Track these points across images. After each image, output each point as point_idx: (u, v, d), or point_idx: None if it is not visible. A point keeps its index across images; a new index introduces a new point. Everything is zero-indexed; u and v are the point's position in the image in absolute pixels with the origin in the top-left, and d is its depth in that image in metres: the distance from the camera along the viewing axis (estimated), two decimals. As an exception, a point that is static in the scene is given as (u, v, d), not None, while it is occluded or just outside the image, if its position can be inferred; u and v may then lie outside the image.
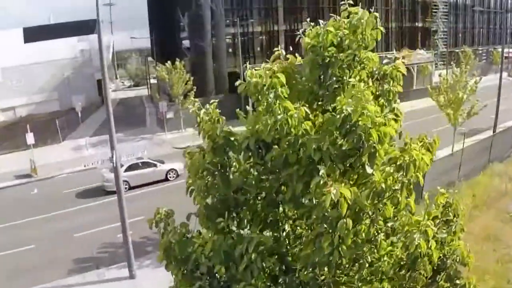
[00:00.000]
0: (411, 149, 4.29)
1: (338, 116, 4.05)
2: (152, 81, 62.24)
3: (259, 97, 4.44)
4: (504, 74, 60.40)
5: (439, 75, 23.36)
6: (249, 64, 33.46)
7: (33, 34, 58.79)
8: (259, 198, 4.99)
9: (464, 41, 57.29)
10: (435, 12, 51.54)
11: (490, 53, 63.54)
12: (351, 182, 4.31)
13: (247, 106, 5.39)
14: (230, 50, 36.13)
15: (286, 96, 4.42)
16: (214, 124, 4.80)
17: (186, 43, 38.31)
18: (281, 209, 5.01)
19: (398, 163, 4.29)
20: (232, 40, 35.75)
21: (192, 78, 31.71)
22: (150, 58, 70.65)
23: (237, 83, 4.68)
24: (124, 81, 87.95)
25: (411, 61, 43.56)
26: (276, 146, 4.41)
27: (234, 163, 4.95)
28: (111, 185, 19.09)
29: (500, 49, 64.62)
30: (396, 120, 4.61)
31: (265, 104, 4.37)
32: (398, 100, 4.91)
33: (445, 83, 22.75)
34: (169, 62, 31.43)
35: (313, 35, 4.70)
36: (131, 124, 38.87)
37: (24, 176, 25.93)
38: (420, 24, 51.26)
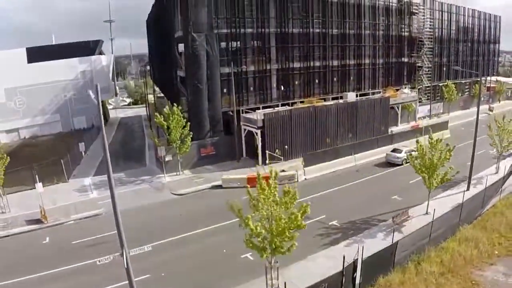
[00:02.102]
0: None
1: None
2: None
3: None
4: (486, 106, 63.41)
5: (416, 141, 25.08)
6: (243, 105, 35.53)
7: (35, 55, 59.97)
8: None
9: (448, 74, 59.51)
10: (421, 47, 53.66)
11: (473, 84, 65.89)
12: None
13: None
14: (225, 90, 37.74)
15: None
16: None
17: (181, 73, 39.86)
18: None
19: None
20: (226, 79, 37.36)
21: (189, 122, 33.49)
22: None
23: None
24: (123, 97, 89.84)
25: (396, 101, 45.54)
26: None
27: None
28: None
29: (484, 80, 67.30)
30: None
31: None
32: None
33: (421, 149, 24.58)
34: (167, 107, 33.20)
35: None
36: (131, 160, 40.77)
37: (35, 222, 27.45)
38: (406, 59, 53.41)
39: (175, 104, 33.46)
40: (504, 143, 32.25)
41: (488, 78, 71.37)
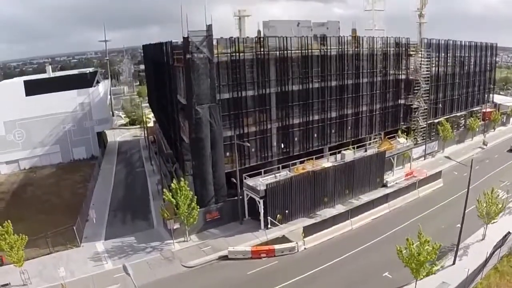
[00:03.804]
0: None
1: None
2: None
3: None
4: (481, 138, 67.61)
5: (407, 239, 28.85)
6: (244, 165, 39.27)
7: (33, 87, 63.01)
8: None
9: (443, 110, 63.40)
10: (417, 89, 57.34)
11: (468, 115, 69.92)
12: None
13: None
14: (228, 153, 41.39)
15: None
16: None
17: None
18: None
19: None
20: (229, 143, 40.97)
21: (195, 196, 37.20)
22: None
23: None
24: (120, 114, 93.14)
25: (392, 153, 49.51)
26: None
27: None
28: None
29: (477, 111, 71.33)
30: None
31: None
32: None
33: (410, 246, 28.62)
34: (174, 182, 36.90)
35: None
36: (138, 215, 44.48)
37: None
38: (402, 101, 57.11)
39: (182, 179, 37.03)
40: (491, 216, 36.04)
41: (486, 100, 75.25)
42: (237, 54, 40.55)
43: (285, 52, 43.34)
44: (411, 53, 56.88)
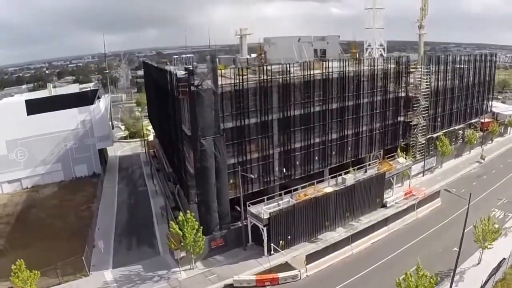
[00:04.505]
0: None
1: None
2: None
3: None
4: (479, 152, 69.56)
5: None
6: (247, 191, 41.32)
7: (35, 106, 64.48)
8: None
9: (442, 124, 65.40)
10: (417, 106, 59.26)
11: (467, 127, 71.97)
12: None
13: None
14: (231, 180, 43.34)
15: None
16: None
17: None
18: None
19: None
20: (232, 171, 42.92)
21: (200, 222, 39.22)
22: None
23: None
24: (119, 125, 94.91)
25: (391, 173, 51.57)
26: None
27: None
28: None
29: (475, 122, 73.33)
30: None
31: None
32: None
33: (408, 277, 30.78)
34: (181, 214, 38.87)
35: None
36: (143, 240, 46.36)
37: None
38: (402, 118, 59.03)
39: (188, 211, 38.93)
40: (487, 242, 38.15)
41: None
42: (241, 84, 42.27)
43: (288, 78, 45.07)
44: (411, 70, 58.62)
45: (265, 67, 44.41)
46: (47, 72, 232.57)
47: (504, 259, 37.47)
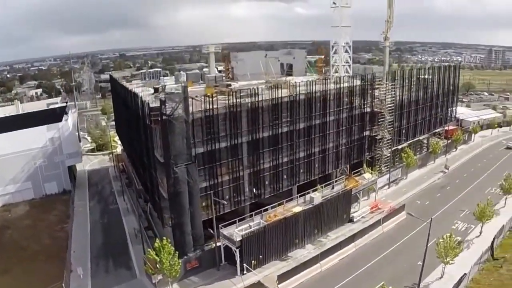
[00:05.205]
0: None
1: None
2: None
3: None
4: (443, 161, 74.18)
5: None
6: (219, 212, 44.14)
7: (2, 125, 65.03)
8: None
9: (407, 136, 69.66)
10: (382, 121, 63.12)
11: (431, 137, 76.60)
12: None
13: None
14: (203, 203, 45.92)
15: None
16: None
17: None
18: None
19: None
20: (204, 195, 45.51)
21: (174, 245, 41.65)
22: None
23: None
24: (86, 137, 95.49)
25: (358, 189, 55.23)
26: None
27: None
28: None
29: (440, 131, 78.02)
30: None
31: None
32: None
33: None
34: (157, 240, 41.22)
35: None
36: (120, 262, 48.33)
37: None
38: (367, 133, 62.77)
39: (164, 238, 41.27)
40: (449, 258, 41.71)
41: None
42: (211, 110, 44.70)
43: (256, 102, 47.75)
44: (376, 86, 62.26)
45: (234, 93, 46.83)
46: (8, 76, 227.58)
47: (465, 274, 40.63)
